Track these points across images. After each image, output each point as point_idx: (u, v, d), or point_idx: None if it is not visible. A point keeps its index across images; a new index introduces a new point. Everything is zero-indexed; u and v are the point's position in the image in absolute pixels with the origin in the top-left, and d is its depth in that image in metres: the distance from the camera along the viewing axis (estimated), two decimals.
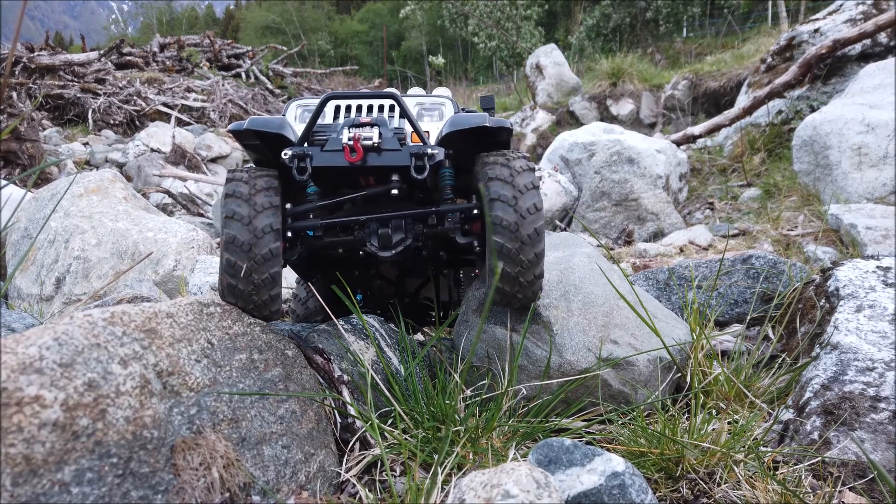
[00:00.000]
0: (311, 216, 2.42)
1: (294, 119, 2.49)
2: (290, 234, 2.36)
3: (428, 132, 2.48)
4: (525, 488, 1.69)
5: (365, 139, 2.23)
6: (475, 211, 2.39)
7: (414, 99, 2.58)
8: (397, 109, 2.45)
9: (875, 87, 6.26)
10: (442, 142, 2.35)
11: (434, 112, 2.57)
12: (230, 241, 2.16)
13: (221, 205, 2.26)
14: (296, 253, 2.39)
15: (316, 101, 2.51)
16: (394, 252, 2.47)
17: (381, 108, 2.46)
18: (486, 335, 2.65)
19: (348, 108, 2.47)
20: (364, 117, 2.32)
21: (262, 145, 2.34)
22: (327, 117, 2.46)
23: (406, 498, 1.79)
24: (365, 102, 2.46)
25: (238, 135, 2.28)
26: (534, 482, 1.72)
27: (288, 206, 2.36)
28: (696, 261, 3.80)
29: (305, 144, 2.28)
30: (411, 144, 2.32)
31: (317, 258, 2.81)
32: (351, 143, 2.23)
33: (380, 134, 2.26)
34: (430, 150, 2.26)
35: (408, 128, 2.44)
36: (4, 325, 2.94)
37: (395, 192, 2.39)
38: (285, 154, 2.22)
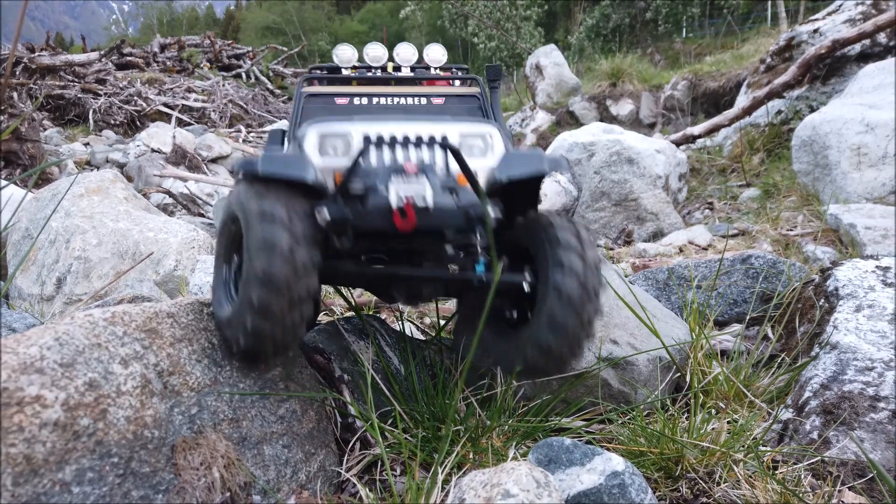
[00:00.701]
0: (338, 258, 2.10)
1: (313, 149, 2.08)
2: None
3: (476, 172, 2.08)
4: (525, 487, 1.70)
5: (416, 197, 1.89)
6: (525, 283, 2.10)
7: (456, 125, 2.15)
8: (439, 136, 2.08)
9: (874, 87, 6.27)
10: (492, 187, 2.07)
11: (480, 144, 2.16)
12: (266, 278, 1.82)
13: (257, 228, 1.86)
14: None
15: (341, 128, 2.09)
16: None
17: (419, 139, 2.07)
18: None
19: (380, 138, 2.07)
20: (409, 163, 1.97)
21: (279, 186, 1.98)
22: (353, 141, 2.07)
23: (406, 497, 1.80)
24: (402, 131, 2.07)
25: (246, 174, 1.97)
26: (534, 482, 1.73)
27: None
28: (695, 261, 3.80)
29: (339, 197, 1.94)
30: (463, 196, 1.96)
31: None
32: (402, 205, 1.89)
33: (431, 188, 1.92)
34: (490, 212, 1.95)
35: (452, 161, 2.06)
36: (5, 325, 2.94)
37: (451, 266, 2.08)
38: (321, 215, 1.91)
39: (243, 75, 24.91)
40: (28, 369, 1.76)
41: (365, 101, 2.76)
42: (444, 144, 2.01)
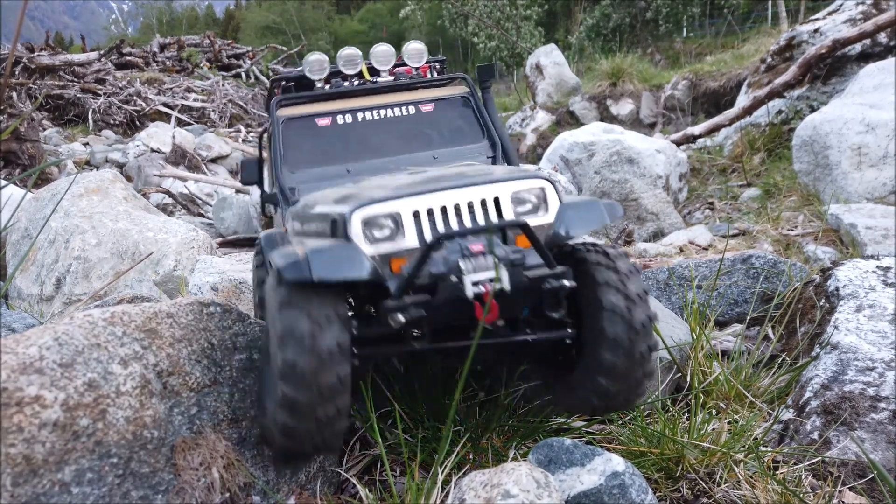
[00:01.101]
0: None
1: (360, 238, 1.84)
2: (357, 361, 1.87)
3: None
4: (525, 488, 1.69)
5: (493, 284, 1.74)
6: (569, 339, 2.01)
7: (508, 184, 1.94)
8: (490, 204, 1.90)
9: (875, 87, 6.27)
10: (552, 244, 1.94)
11: (534, 200, 1.98)
12: (289, 370, 1.72)
13: (277, 319, 1.73)
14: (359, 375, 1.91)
15: (388, 208, 1.86)
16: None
17: (470, 205, 1.89)
18: None
19: (430, 209, 1.87)
20: (476, 244, 1.78)
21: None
22: (403, 220, 1.85)
23: (406, 497, 1.80)
24: (453, 199, 1.87)
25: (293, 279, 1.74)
26: (534, 482, 1.72)
27: (354, 323, 1.86)
28: (695, 261, 3.80)
29: (405, 291, 1.78)
30: (532, 266, 1.84)
31: None
32: (481, 294, 1.74)
33: (506, 270, 1.76)
34: (565, 283, 1.82)
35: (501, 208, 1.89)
36: (5, 325, 2.94)
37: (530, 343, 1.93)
38: (393, 315, 1.75)
39: (243, 75, 24.91)
40: (27, 369, 1.76)
41: (349, 118, 2.59)
42: (517, 224, 1.81)
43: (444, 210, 1.86)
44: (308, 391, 1.70)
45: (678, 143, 8.84)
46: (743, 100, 9.20)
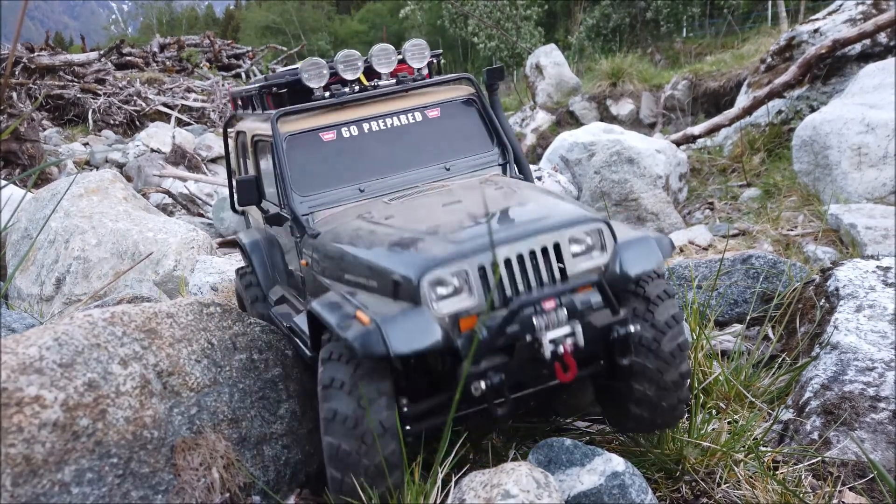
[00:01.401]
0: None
1: (428, 301, 1.74)
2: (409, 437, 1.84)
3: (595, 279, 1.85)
4: (525, 488, 1.69)
5: (569, 341, 1.72)
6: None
7: (568, 230, 1.88)
8: (551, 250, 1.85)
9: (875, 87, 6.26)
10: (613, 283, 1.89)
11: (590, 242, 1.93)
12: (333, 454, 1.72)
13: (322, 400, 1.73)
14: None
15: (455, 267, 1.76)
16: None
17: (532, 253, 1.83)
18: None
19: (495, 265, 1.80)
20: (548, 301, 1.73)
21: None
22: (470, 277, 1.77)
23: (406, 497, 1.80)
24: (515, 250, 1.81)
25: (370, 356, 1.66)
26: (534, 482, 1.72)
27: (404, 401, 1.83)
28: (695, 261, 3.80)
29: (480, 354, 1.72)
30: (595, 313, 1.82)
31: None
32: (560, 354, 1.71)
33: (580, 326, 1.74)
34: (632, 328, 1.82)
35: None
36: (4, 325, 2.94)
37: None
38: (476, 389, 1.71)
39: (243, 75, 24.90)
40: (27, 370, 1.76)
41: (354, 130, 2.44)
42: (593, 283, 1.78)
43: (507, 262, 1.81)
44: (354, 472, 1.69)
45: (678, 143, 8.84)
46: (743, 100, 9.19)
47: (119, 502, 1.82)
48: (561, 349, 1.71)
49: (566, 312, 1.74)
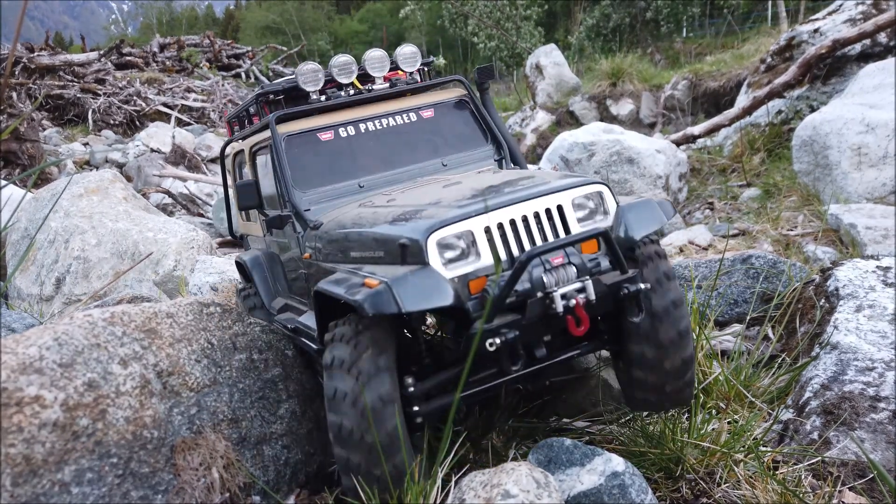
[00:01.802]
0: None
1: (436, 262, 1.75)
2: (419, 418, 1.83)
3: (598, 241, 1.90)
4: (525, 488, 1.69)
5: (580, 295, 1.74)
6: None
7: (568, 192, 1.92)
8: (555, 212, 1.89)
9: (875, 87, 6.26)
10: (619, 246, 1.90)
11: (592, 206, 1.97)
12: (336, 432, 1.73)
13: (325, 380, 1.75)
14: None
15: (460, 228, 1.78)
16: None
17: (537, 216, 1.86)
18: None
19: (500, 225, 1.83)
20: (556, 257, 1.77)
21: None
22: (477, 238, 1.79)
23: (406, 497, 1.79)
24: (520, 211, 1.84)
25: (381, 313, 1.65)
26: (534, 482, 1.72)
27: (409, 380, 1.82)
28: (695, 261, 3.80)
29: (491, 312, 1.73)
30: (604, 272, 1.85)
31: None
32: (572, 307, 1.72)
33: (590, 281, 1.76)
34: (642, 286, 1.81)
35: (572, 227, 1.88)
36: (4, 325, 2.94)
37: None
38: (491, 344, 1.69)
39: (243, 75, 24.90)
40: (27, 369, 1.76)
41: (351, 130, 2.51)
42: (598, 233, 1.78)
43: (512, 223, 1.83)
44: (359, 451, 1.70)
45: (678, 143, 8.84)
46: (743, 100, 9.19)
47: (119, 502, 1.82)
48: (573, 303, 1.72)
49: (575, 270, 1.76)
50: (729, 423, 2.35)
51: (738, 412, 2.48)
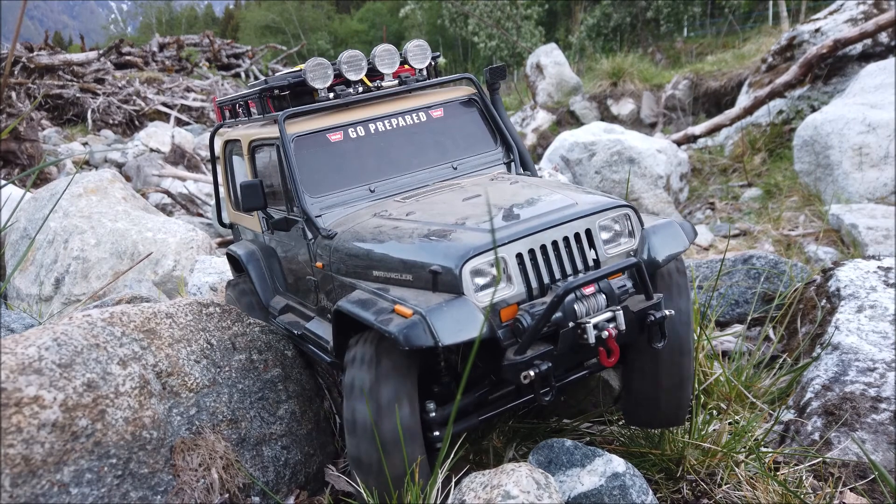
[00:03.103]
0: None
1: (469, 291, 1.73)
2: (437, 440, 1.83)
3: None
4: (525, 489, 1.69)
5: (610, 326, 1.73)
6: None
7: (596, 217, 1.91)
8: (583, 236, 1.88)
9: (876, 87, 6.26)
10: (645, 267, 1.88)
11: (618, 228, 1.96)
12: (355, 459, 1.72)
13: (345, 401, 1.74)
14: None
15: (493, 256, 1.77)
16: None
17: (566, 240, 1.85)
18: None
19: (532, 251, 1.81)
20: (588, 286, 1.75)
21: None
22: (509, 265, 1.78)
23: (406, 498, 1.79)
24: (550, 237, 1.82)
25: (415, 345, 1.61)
26: (534, 483, 1.71)
27: (431, 405, 1.82)
28: (696, 261, 3.79)
29: (527, 349, 1.71)
30: (630, 298, 1.84)
31: None
32: (604, 338, 1.72)
33: (621, 311, 1.76)
34: (667, 313, 1.82)
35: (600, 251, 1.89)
36: (3, 325, 2.93)
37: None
38: (525, 377, 1.67)
39: (242, 74, 24.88)
40: (26, 370, 1.75)
41: (361, 130, 2.44)
42: (632, 266, 1.77)
43: (543, 248, 1.82)
44: (377, 480, 1.70)
45: (679, 143, 8.83)
46: (744, 99, 9.19)
47: (118, 503, 1.81)
48: (605, 334, 1.72)
49: (605, 298, 1.76)
50: (730, 423, 2.34)
51: (739, 413, 2.47)
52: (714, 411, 2.47)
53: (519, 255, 1.79)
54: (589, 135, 7.69)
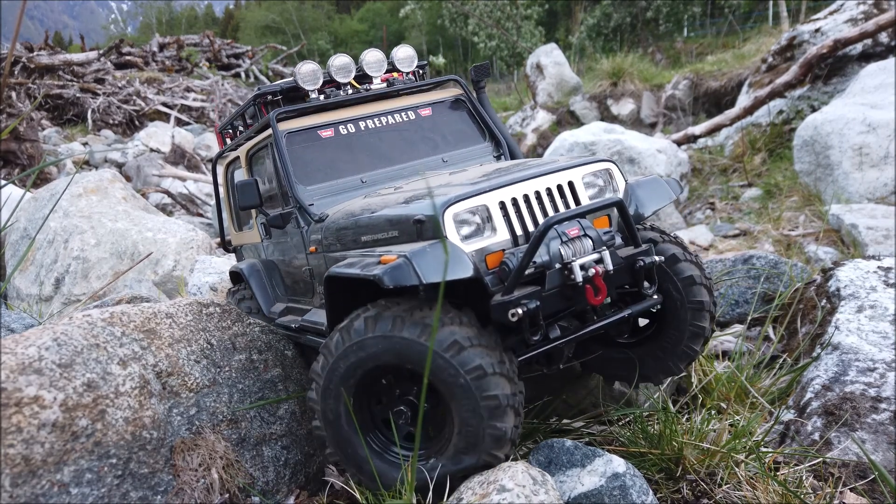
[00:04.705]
0: None
1: (454, 233, 1.79)
2: None
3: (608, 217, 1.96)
4: (520, 483, 1.69)
5: (598, 265, 1.78)
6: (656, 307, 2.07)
7: (578, 169, 1.98)
8: (566, 188, 1.96)
9: (876, 87, 6.25)
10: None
11: (601, 183, 2.04)
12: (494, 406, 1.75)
13: (474, 385, 1.70)
14: None
15: (475, 202, 1.81)
16: None
17: (549, 192, 1.92)
18: None
19: (514, 200, 1.87)
20: (572, 228, 1.81)
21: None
22: (492, 212, 1.82)
23: (403, 497, 1.79)
24: (533, 187, 1.88)
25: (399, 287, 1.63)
26: (530, 478, 1.72)
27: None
28: None
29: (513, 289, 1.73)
30: (623, 249, 1.90)
31: None
32: (591, 276, 1.76)
33: (607, 251, 1.80)
34: (656, 259, 1.88)
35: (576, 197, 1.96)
36: (4, 325, 2.93)
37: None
38: (513, 314, 1.69)
39: (242, 74, 24.88)
40: (26, 370, 1.75)
41: (351, 127, 2.54)
42: (613, 203, 1.81)
43: (526, 198, 1.88)
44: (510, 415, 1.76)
45: (679, 143, 8.83)
46: (744, 99, 9.18)
47: (118, 503, 1.81)
48: (591, 272, 1.76)
49: (591, 242, 1.81)
50: (730, 423, 2.34)
51: (740, 413, 2.47)
52: (714, 411, 2.47)
53: (502, 205, 1.84)
54: (589, 135, 7.70)
